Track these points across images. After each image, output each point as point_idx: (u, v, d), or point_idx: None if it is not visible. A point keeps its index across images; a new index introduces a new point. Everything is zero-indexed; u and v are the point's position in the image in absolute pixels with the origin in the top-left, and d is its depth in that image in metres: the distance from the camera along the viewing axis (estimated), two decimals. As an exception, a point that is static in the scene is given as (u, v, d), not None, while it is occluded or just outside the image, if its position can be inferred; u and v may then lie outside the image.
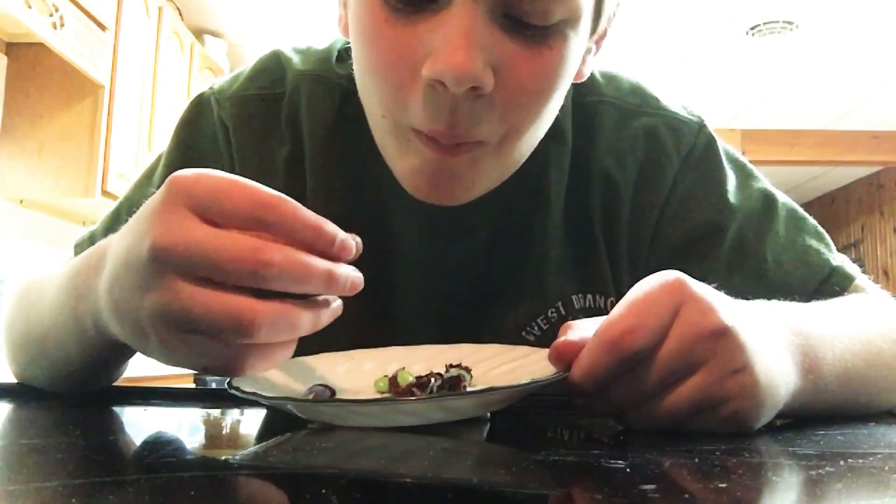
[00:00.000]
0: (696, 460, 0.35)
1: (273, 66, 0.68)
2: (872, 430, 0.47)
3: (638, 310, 0.41)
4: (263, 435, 0.49)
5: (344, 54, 0.67)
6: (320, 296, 0.40)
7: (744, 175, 0.69)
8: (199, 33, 3.63)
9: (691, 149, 0.66)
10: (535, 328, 0.66)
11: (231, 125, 0.66)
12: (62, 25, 2.24)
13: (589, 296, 0.65)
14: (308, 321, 0.39)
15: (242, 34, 3.80)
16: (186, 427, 0.52)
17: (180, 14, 3.32)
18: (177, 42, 3.20)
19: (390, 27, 0.47)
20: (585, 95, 0.67)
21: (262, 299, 0.37)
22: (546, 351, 0.53)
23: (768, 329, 0.44)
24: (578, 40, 0.50)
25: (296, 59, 0.69)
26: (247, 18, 3.62)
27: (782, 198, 0.68)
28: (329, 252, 0.39)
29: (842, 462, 0.34)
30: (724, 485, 0.30)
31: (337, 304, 0.42)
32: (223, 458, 0.40)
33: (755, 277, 0.64)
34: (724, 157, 0.68)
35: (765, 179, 0.69)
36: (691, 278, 0.42)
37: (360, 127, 0.59)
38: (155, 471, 0.34)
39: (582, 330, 0.44)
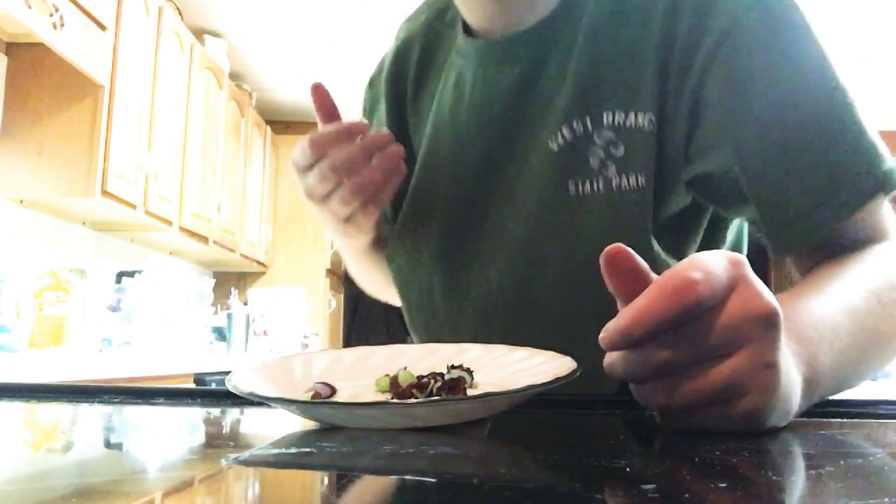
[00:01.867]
0: (696, 460, 0.35)
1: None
2: (872, 429, 0.47)
3: (702, 267, 0.40)
4: (263, 435, 0.49)
5: None
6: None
7: (821, 52, 0.63)
8: (199, 33, 3.63)
9: None
10: (559, 136, 0.69)
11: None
12: (62, 25, 2.24)
13: (621, 112, 0.66)
14: (374, 169, 0.70)
15: (242, 34, 3.80)
16: (186, 427, 0.52)
17: (180, 14, 3.32)
18: (177, 42, 3.20)
19: None
20: None
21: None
22: (549, 353, 0.53)
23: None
24: None
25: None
26: (247, 18, 3.62)
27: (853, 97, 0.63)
28: (357, 134, 0.70)
29: (842, 462, 0.35)
30: (724, 485, 0.30)
31: (394, 147, 0.71)
32: (223, 458, 0.40)
33: (807, 144, 0.60)
34: (804, 24, 0.63)
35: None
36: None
37: (448, 28, 0.84)
38: (155, 471, 0.34)
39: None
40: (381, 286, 0.97)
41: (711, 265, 0.40)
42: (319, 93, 0.72)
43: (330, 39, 3.80)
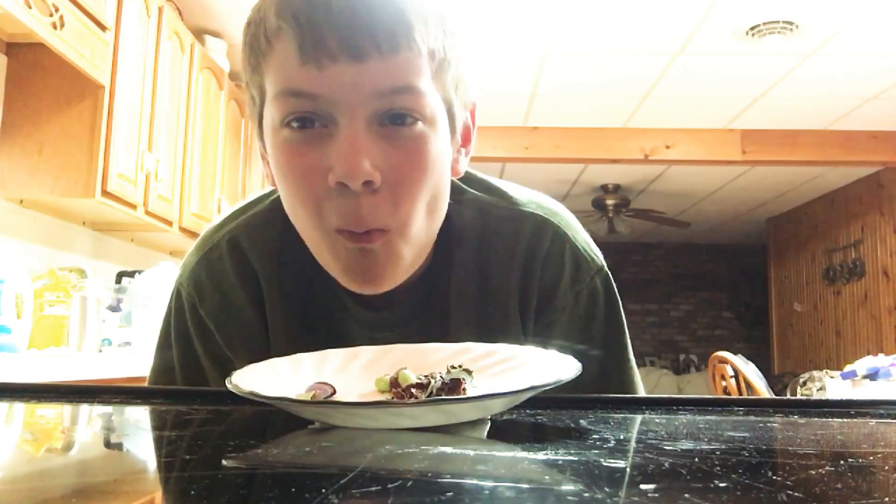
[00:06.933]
0: (696, 460, 0.35)
1: (209, 235, 0.80)
2: (872, 429, 0.47)
3: None
4: (263, 435, 0.49)
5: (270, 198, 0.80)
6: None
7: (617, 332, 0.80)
8: (199, 33, 3.63)
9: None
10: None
11: (197, 302, 0.78)
12: (62, 25, 2.24)
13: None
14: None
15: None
16: (186, 427, 0.52)
17: (180, 14, 3.32)
18: (177, 42, 3.19)
19: (300, 154, 0.61)
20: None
21: None
22: (550, 353, 0.53)
23: None
24: (439, 139, 0.64)
25: (222, 220, 0.81)
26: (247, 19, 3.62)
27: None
28: None
29: (842, 462, 0.34)
30: (724, 484, 0.30)
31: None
32: (223, 458, 0.40)
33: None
34: (613, 313, 0.80)
35: None
36: None
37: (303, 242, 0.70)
38: (155, 471, 0.34)
39: None
40: None
41: None
42: None
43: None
